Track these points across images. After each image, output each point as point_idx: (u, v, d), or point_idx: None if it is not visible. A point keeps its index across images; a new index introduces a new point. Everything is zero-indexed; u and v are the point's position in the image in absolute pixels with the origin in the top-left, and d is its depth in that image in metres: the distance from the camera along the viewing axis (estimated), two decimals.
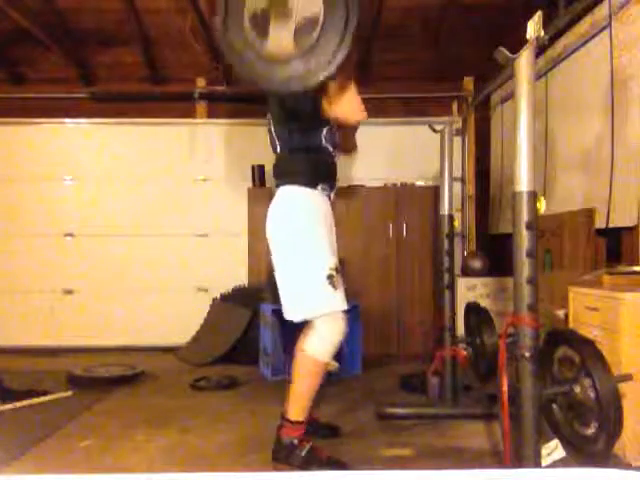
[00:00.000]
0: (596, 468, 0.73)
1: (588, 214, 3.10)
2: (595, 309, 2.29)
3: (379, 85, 4.73)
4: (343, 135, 2.40)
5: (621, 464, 2.02)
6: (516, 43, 1.84)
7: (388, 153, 4.77)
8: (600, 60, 3.04)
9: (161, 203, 4.80)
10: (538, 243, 1.84)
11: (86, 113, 4.83)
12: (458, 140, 4.68)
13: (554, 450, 1.83)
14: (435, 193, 3.84)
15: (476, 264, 4.36)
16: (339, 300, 2.15)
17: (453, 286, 2.96)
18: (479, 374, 2.94)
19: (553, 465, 1.80)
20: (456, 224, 3.04)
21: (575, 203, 3.28)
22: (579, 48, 3.30)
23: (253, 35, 1.81)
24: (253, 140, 4.50)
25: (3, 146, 4.81)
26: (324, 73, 1.77)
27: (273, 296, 3.47)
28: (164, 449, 2.38)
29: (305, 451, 2.12)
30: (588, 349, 1.86)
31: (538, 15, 1.78)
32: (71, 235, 4.79)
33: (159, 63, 4.81)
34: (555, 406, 2.00)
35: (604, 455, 1.78)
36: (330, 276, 2.13)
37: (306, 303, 2.15)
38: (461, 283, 4.20)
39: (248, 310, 4.12)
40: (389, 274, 4.39)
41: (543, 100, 3.72)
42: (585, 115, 3.24)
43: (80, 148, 4.84)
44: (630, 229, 2.80)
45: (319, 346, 2.13)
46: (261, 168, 4.49)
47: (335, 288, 2.13)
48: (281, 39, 1.80)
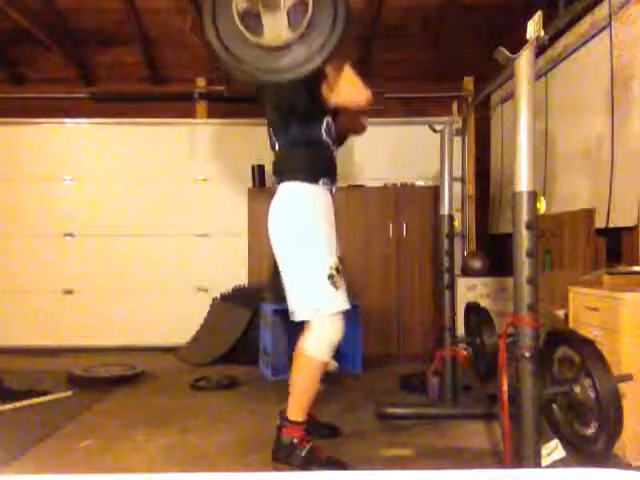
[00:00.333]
0: (596, 468, 0.73)
1: (588, 214, 3.10)
2: (595, 309, 2.29)
3: (379, 85, 4.73)
4: (350, 116, 2.38)
5: (621, 464, 2.02)
6: (516, 43, 1.84)
7: (388, 153, 4.77)
8: (600, 60, 3.04)
9: (161, 203, 4.80)
10: (538, 243, 1.84)
11: (86, 113, 4.83)
12: (458, 140, 4.68)
13: (554, 450, 1.83)
14: (435, 193, 3.84)
15: (476, 264, 4.36)
16: (340, 300, 2.14)
17: (453, 286, 2.97)
18: (479, 374, 2.94)
19: (553, 465, 1.80)
20: (456, 224, 3.05)
21: (575, 203, 3.28)
22: (579, 48, 3.30)
23: (248, 34, 1.81)
24: (253, 140, 4.49)
25: (3, 146, 4.81)
26: (323, 54, 1.78)
27: (273, 296, 3.48)
28: (164, 449, 2.38)
29: (305, 451, 2.12)
30: (588, 349, 1.87)
31: (538, 15, 1.78)
32: (71, 235, 4.79)
33: (159, 63, 4.81)
34: (555, 406, 2.00)
35: (604, 455, 1.78)
36: (331, 276, 2.12)
37: (307, 303, 2.14)
38: (461, 283, 4.20)
39: (248, 310, 4.12)
40: (389, 274, 4.39)
41: (543, 100, 3.72)
42: (585, 115, 3.24)
43: (80, 148, 4.84)
44: (630, 229, 2.80)
45: (318, 346, 2.13)
46: (261, 168, 4.49)
47: (336, 288, 2.12)
48: (277, 27, 1.80)
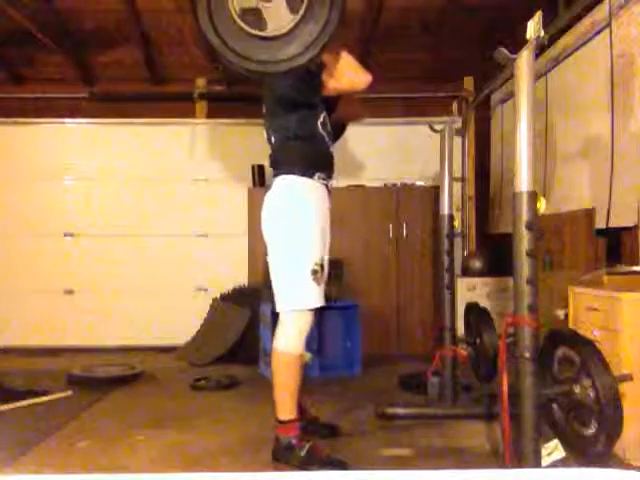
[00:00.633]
0: (596, 468, 0.73)
1: (588, 214, 3.09)
2: (595, 309, 2.29)
3: (379, 85, 4.73)
4: (351, 102, 2.38)
5: (621, 464, 2.02)
6: (516, 43, 1.84)
7: (388, 153, 4.77)
8: (600, 60, 3.04)
9: (161, 203, 4.80)
10: (538, 243, 1.84)
11: (86, 113, 4.83)
12: (458, 140, 4.67)
13: (554, 450, 1.83)
14: (435, 193, 3.84)
15: (476, 264, 4.36)
16: (318, 297, 2.18)
17: (453, 286, 2.96)
18: (479, 374, 2.95)
19: (553, 465, 1.80)
20: (456, 224, 3.04)
21: (575, 203, 3.27)
22: (579, 48, 3.30)
23: (252, 29, 1.80)
24: (253, 140, 4.47)
25: (3, 146, 4.81)
26: (324, 38, 1.78)
27: (271, 296, 3.48)
28: (164, 449, 2.38)
29: (305, 451, 2.12)
30: (588, 349, 1.87)
31: (538, 15, 1.78)
32: (71, 235, 4.79)
33: (159, 63, 4.80)
34: (555, 406, 2.00)
35: (604, 455, 1.78)
36: (315, 271, 2.15)
37: (288, 295, 2.18)
38: (461, 283, 4.20)
39: (248, 310, 4.12)
40: (389, 274, 4.39)
41: (543, 100, 3.72)
42: (585, 115, 3.24)
43: (80, 148, 4.84)
44: (630, 229, 2.80)
45: (290, 340, 2.17)
46: (261, 168, 4.49)
47: (318, 284, 2.16)
48: (279, 17, 1.80)
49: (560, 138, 3.56)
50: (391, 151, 4.78)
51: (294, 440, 2.14)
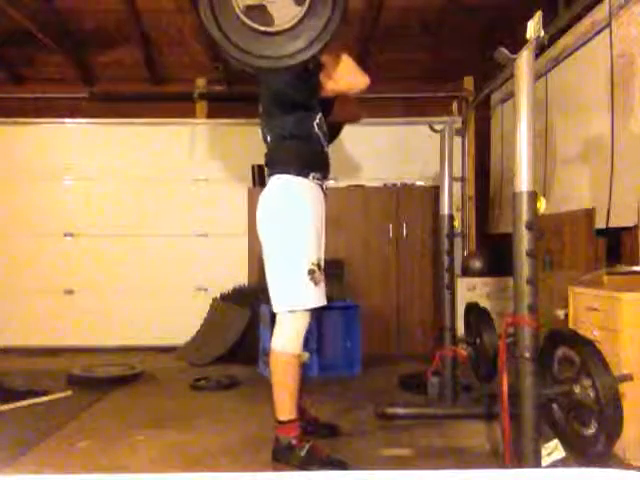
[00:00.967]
0: (596, 468, 0.73)
1: (588, 214, 3.09)
2: (595, 309, 2.29)
3: (379, 85, 4.73)
4: (347, 103, 2.37)
5: (621, 464, 2.02)
6: (516, 43, 1.83)
7: (388, 153, 4.77)
8: (600, 60, 3.04)
9: (161, 203, 4.80)
10: (538, 243, 1.84)
11: (86, 113, 4.83)
12: (458, 140, 4.67)
13: (554, 450, 1.83)
14: (435, 193, 3.84)
15: (476, 264, 4.36)
16: (317, 297, 2.17)
17: (453, 286, 2.96)
18: (479, 374, 2.95)
19: (553, 465, 1.80)
20: (456, 224, 3.04)
21: (575, 203, 3.27)
22: (579, 48, 3.30)
23: (258, 25, 1.80)
24: (253, 140, 4.43)
25: (3, 146, 4.81)
26: (326, 36, 1.77)
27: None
28: (164, 449, 2.38)
29: (305, 451, 2.12)
30: (588, 349, 1.87)
31: (538, 15, 1.78)
32: (71, 235, 4.79)
33: (159, 63, 4.80)
34: (555, 406, 2.00)
35: (604, 455, 1.78)
36: (311, 271, 2.14)
37: (285, 295, 2.17)
38: (461, 283, 4.20)
39: (248, 310, 4.12)
40: (389, 274, 4.39)
41: (543, 100, 3.72)
42: (585, 115, 3.24)
43: (80, 148, 4.84)
44: (630, 229, 2.80)
45: (287, 341, 2.16)
46: (261, 168, 4.48)
47: (315, 284, 2.14)
48: (285, 10, 1.79)
49: (560, 138, 3.56)
50: (391, 151, 4.78)
51: (294, 440, 2.14)
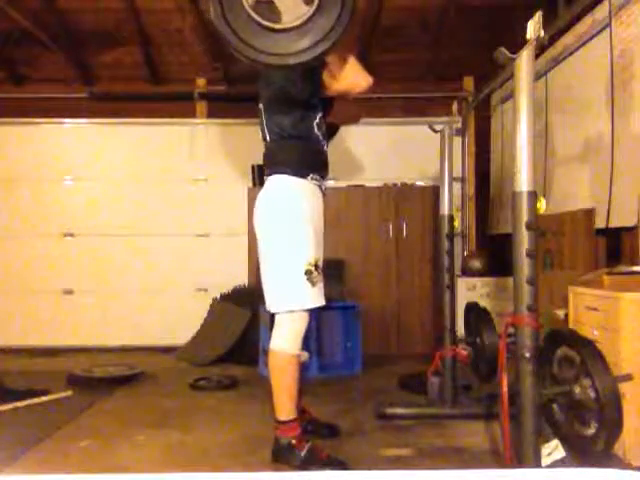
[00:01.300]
0: (596, 468, 0.73)
1: (588, 214, 3.10)
2: (595, 309, 2.29)
3: (379, 85, 4.73)
4: (347, 103, 2.37)
5: (621, 464, 2.02)
6: (516, 43, 1.83)
7: (388, 153, 4.76)
8: (600, 60, 3.04)
9: (161, 203, 4.80)
10: (538, 243, 1.84)
11: (86, 113, 4.83)
12: (458, 140, 4.68)
13: (554, 450, 1.83)
14: (435, 193, 3.84)
15: (476, 264, 4.36)
16: (315, 297, 2.16)
17: (453, 286, 2.96)
18: (479, 374, 2.94)
19: (553, 465, 1.80)
20: (456, 224, 3.04)
21: (575, 203, 3.27)
22: (579, 48, 3.30)
23: (267, 22, 1.79)
24: (253, 140, 4.43)
25: (3, 146, 4.80)
26: (333, 35, 1.76)
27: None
28: (164, 449, 2.38)
29: (305, 451, 2.12)
30: (588, 349, 1.86)
31: (538, 15, 1.77)
32: (71, 235, 4.79)
33: (159, 63, 4.80)
34: (555, 406, 2.00)
35: (604, 455, 1.78)
36: (308, 272, 2.12)
37: (282, 296, 2.16)
38: (461, 283, 4.20)
39: (248, 310, 4.12)
40: (389, 274, 4.39)
41: (543, 100, 3.72)
42: (585, 115, 3.24)
43: (80, 148, 4.84)
44: (630, 229, 2.80)
45: (286, 341, 2.15)
46: (261, 168, 4.41)
47: (313, 284, 2.13)
48: (294, 9, 1.78)
49: (560, 138, 3.56)
50: (391, 151, 4.77)
51: (294, 440, 2.14)
